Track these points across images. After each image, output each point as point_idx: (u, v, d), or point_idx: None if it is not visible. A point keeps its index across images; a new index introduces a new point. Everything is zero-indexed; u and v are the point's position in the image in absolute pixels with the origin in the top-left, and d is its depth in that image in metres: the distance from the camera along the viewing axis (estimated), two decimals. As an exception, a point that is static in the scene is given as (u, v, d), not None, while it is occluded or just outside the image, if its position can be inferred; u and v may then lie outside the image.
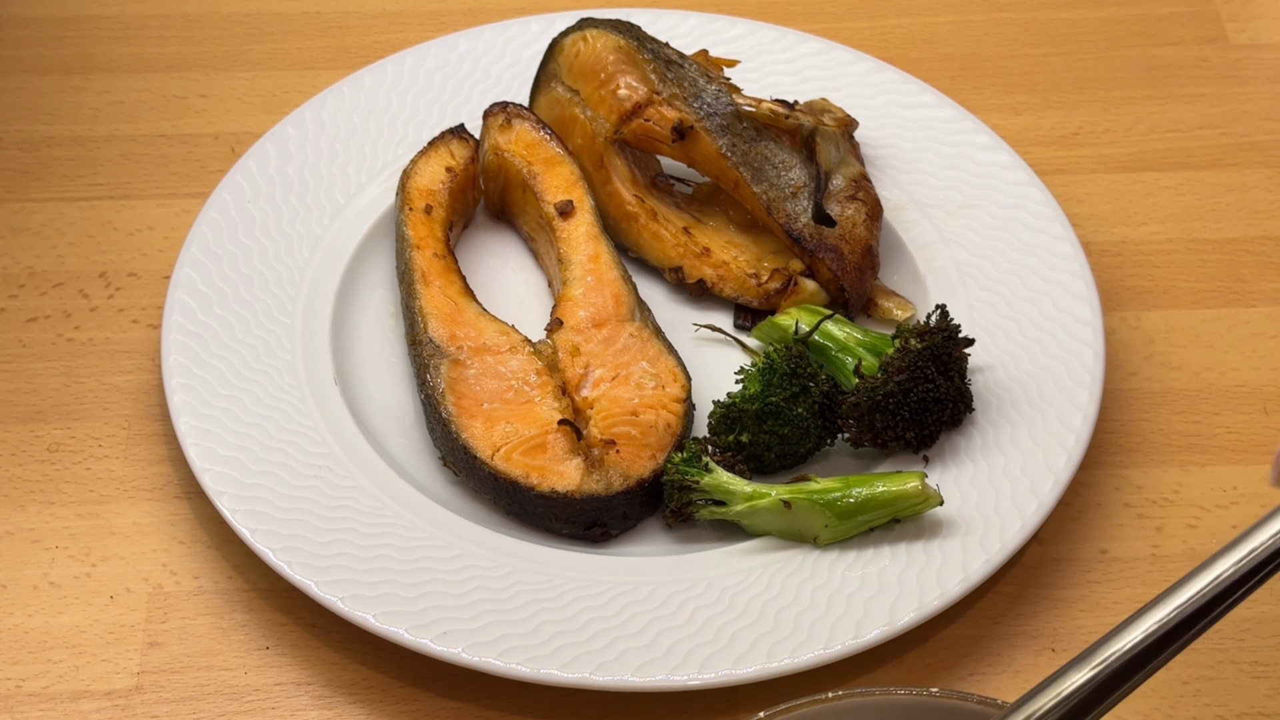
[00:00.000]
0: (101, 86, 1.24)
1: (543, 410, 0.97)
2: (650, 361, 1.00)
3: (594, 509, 0.94)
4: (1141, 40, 1.29)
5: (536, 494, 0.94)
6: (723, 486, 0.94)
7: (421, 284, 1.04)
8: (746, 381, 0.97)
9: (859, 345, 1.00)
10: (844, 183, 1.08)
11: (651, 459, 0.96)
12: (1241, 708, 0.91)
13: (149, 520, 0.99)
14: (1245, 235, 1.15)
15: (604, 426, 0.96)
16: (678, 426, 0.97)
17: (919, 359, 0.96)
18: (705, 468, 0.94)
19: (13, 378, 1.06)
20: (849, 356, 1.00)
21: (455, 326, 1.02)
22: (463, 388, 0.98)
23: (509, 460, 0.95)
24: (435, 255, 1.05)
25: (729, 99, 1.08)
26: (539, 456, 0.95)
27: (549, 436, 0.96)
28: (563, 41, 1.13)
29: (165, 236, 1.14)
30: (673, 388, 0.99)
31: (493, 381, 0.99)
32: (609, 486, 0.94)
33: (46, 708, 0.91)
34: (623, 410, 0.97)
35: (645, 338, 1.01)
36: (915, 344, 0.96)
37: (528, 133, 1.11)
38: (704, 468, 0.94)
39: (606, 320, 1.02)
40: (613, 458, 0.95)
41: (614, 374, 0.99)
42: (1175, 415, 1.05)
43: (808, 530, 0.94)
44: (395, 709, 0.91)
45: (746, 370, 0.98)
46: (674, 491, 0.95)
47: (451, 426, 0.97)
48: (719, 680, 0.88)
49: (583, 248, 1.06)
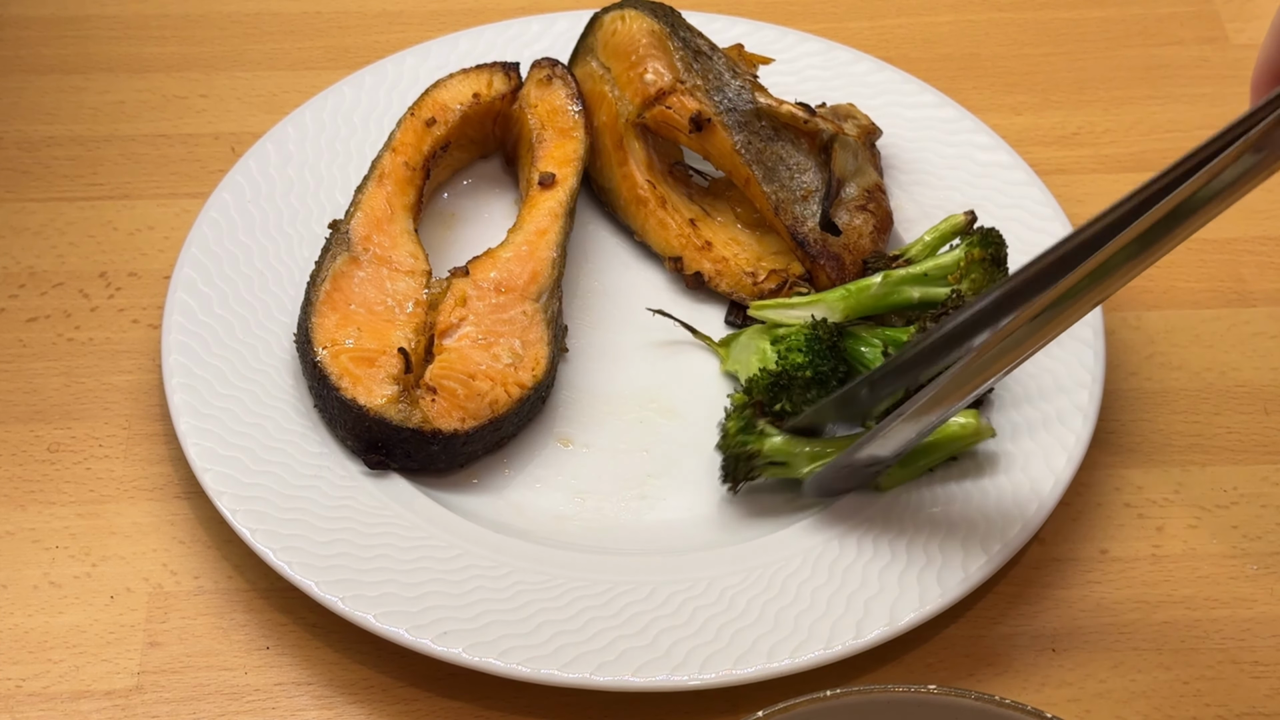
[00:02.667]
0: (101, 86, 1.24)
1: (394, 334, 1.00)
2: (523, 343, 1.01)
3: (380, 433, 0.96)
4: (1141, 40, 1.29)
5: (337, 395, 0.97)
6: (784, 449, 0.95)
7: (375, 181, 1.07)
8: (788, 352, 0.97)
9: (873, 336, 1.00)
10: (857, 192, 1.08)
11: (459, 420, 0.97)
12: (1241, 708, 0.91)
13: (149, 520, 0.99)
14: (1245, 235, 1.15)
15: (437, 374, 0.98)
16: (503, 408, 0.99)
17: None
18: (762, 433, 0.95)
19: (13, 378, 1.06)
20: (868, 346, 1.00)
21: (376, 230, 1.04)
22: (344, 282, 1.02)
23: (334, 358, 0.98)
24: (405, 164, 1.08)
25: (751, 96, 1.09)
26: (362, 367, 0.98)
27: (382, 356, 0.98)
28: (603, 18, 1.14)
29: (165, 236, 1.14)
30: (524, 373, 1.00)
31: (372, 291, 1.02)
32: (405, 420, 0.96)
33: (46, 708, 0.91)
34: (463, 369, 0.99)
35: (534, 321, 1.02)
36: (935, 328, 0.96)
37: (558, 98, 1.12)
38: (760, 433, 0.95)
39: (511, 290, 1.03)
40: (425, 402, 0.97)
41: (482, 336, 1.01)
42: (1175, 415, 1.05)
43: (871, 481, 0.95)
44: (395, 709, 0.91)
45: (785, 341, 0.98)
46: (735, 463, 0.96)
47: (309, 309, 1.01)
48: (719, 680, 0.88)
49: (538, 220, 1.07)
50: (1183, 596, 0.96)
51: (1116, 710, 0.91)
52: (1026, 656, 0.93)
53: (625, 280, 1.11)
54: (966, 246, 1.01)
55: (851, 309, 1.01)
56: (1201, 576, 0.97)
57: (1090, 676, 0.92)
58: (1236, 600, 0.95)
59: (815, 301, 1.01)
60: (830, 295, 1.01)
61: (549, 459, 1.01)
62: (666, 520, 0.98)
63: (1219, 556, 0.97)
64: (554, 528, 0.97)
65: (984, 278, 1.00)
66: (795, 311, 1.01)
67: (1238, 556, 0.97)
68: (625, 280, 1.11)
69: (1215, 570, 0.97)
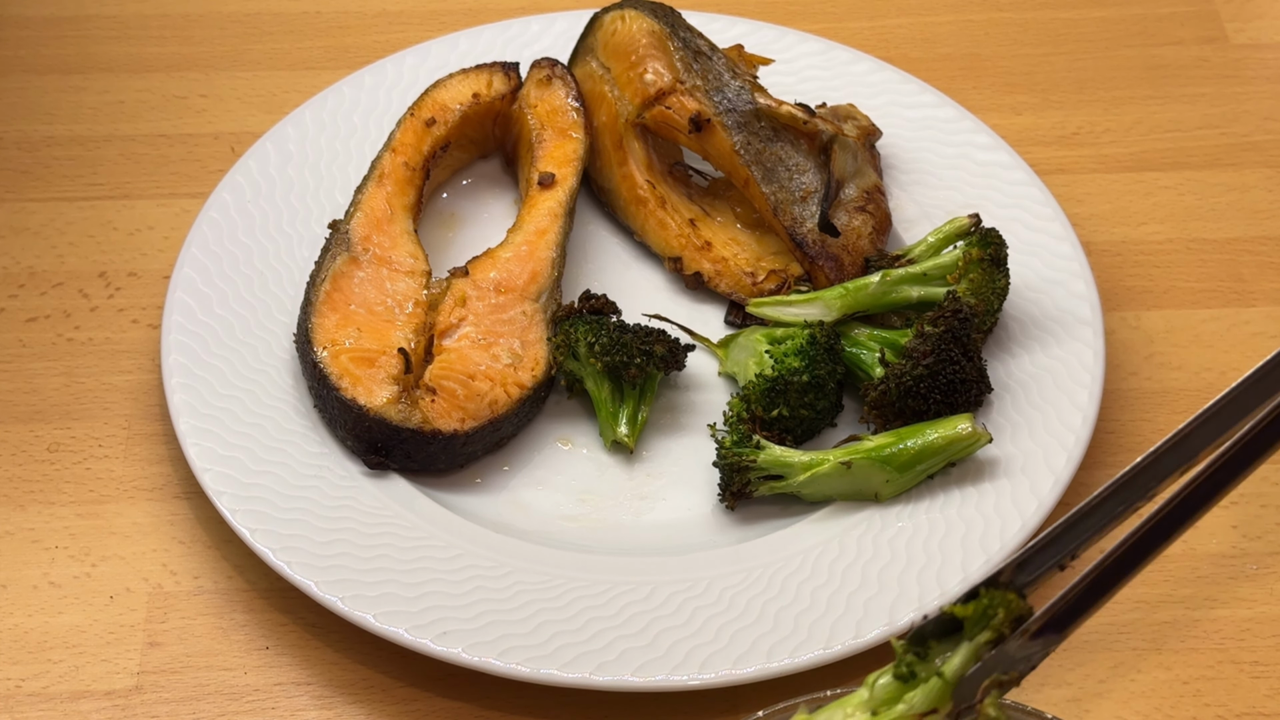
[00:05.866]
0: (101, 86, 1.24)
1: (394, 334, 1.00)
2: (523, 343, 1.01)
3: (381, 433, 0.96)
4: (1141, 40, 1.29)
5: (337, 395, 0.97)
6: (780, 460, 0.95)
7: (375, 181, 1.07)
8: (785, 356, 0.97)
9: (870, 339, 1.00)
10: (856, 193, 1.08)
11: (459, 421, 0.97)
12: (1241, 708, 0.91)
13: (149, 520, 0.99)
14: (1245, 235, 1.15)
15: (437, 375, 0.98)
16: (503, 408, 0.99)
17: (942, 342, 0.96)
18: (757, 445, 0.95)
19: (13, 378, 1.06)
20: (866, 350, 1.00)
21: (376, 230, 1.04)
22: (344, 283, 1.02)
23: (334, 358, 0.98)
24: (405, 164, 1.08)
25: (750, 96, 1.09)
26: (362, 367, 0.98)
27: (382, 357, 0.98)
28: (603, 18, 1.14)
29: (165, 236, 1.14)
30: (524, 373, 1.00)
31: (372, 291, 1.02)
32: (405, 420, 0.96)
33: (46, 708, 0.91)
34: (463, 369, 0.99)
35: (534, 321, 1.02)
36: (932, 329, 0.96)
37: (557, 98, 1.12)
38: (756, 446, 0.95)
39: (511, 290, 1.03)
40: (425, 402, 0.97)
41: (482, 337, 1.01)
42: (1175, 415, 1.05)
43: (868, 488, 0.95)
44: (395, 709, 0.91)
45: (782, 345, 0.98)
46: (731, 474, 0.95)
47: (309, 309, 1.00)
48: (719, 680, 0.88)
49: (538, 220, 1.07)
50: (1182, 596, 0.96)
51: (1116, 710, 0.91)
52: (1026, 656, 0.93)
53: (625, 280, 1.11)
54: (966, 247, 1.01)
55: (849, 307, 1.01)
56: (1201, 576, 0.97)
57: (1090, 676, 0.92)
58: (1236, 600, 0.95)
59: (813, 299, 1.01)
60: (828, 293, 1.01)
61: (549, 459, 1.01)
62: (666, 520, 0.98)
63: (1219, 556, 0.97)
64: (554, 528, 0.97)
65: (983, 278, 1.00)
66: (793, 309, 1.01)
67: (1238, 556, 0.97)
68: (625, 280, 1.11)
69: (1215, 570, 0.97)
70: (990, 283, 1.01)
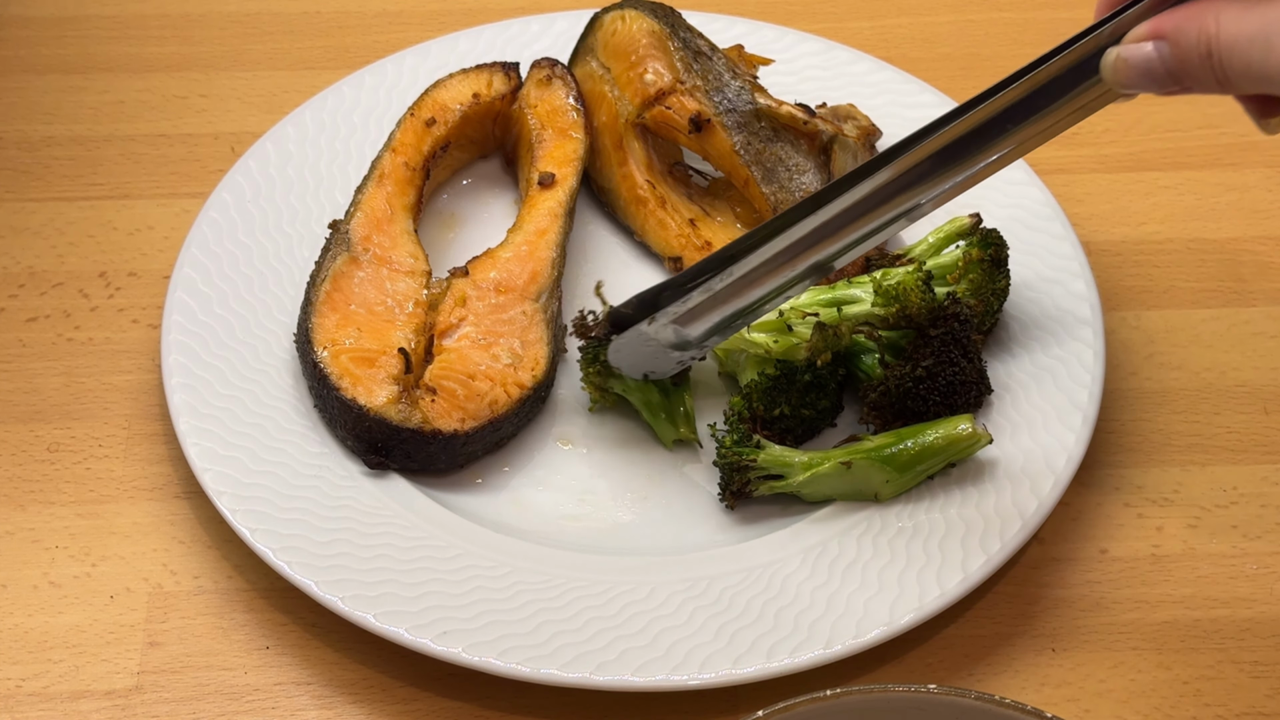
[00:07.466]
0: (101, 86, 1.24)
1: (394, 334, 1.00)
2: (523, 343, 1.01)
3: (381, 434, 0.96)
4: (1141, 40, 1.28)
5: (337, 395, 0.97)
6: (780, 460, 0.95)
7: (375, 181, 1.07)
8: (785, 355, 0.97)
9: (869, 338, 1.00)
10: None
11: (459, 421, 0.97)
12: (1241, 708, 0.91)
13: (149, 520, 0.99)
14: (1245, 235, 1.15)
15: (437, 375, 0.98)
16: (503, 408, 0.99)
17: (941, 343, 0.96)
18: (757, 445, 0.95)
19: (13, 378, 1.06)
20: (865, 349, 1.00)
21: (376, 231, 1.05)
22: (344, 283, 1.02)
23: (334, 358, 0.98)
24: (405, 164, 1.08)
25: (750, 97, 1.09)
26: (362, 367, 0.98)
27: (383, 356, 0.98)
28: (603, 18, 1.14)
29: (165, 236, 1.14)
30: (524, 373, 1.00)
31: (372, 291, 1.02)
32: (405, 420, 0.96)
33: (46, 708, 0.91)
34: (463, 369, 0.99)
35: (534, 321, 1.02)
36: (932, 331, 0.96)
37: (558, 98, 1.12)
38: (756, 445, 0.95)
39: (511, 290, 1.03)
40: (425, 402, 0.97)
41: (482, 337, 1.01)
42: (1175, 415, 1.05)
43: (868, 488, 0.95)
44: (395, 709, 0.91)
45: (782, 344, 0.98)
46: (731, 473, 0.95)
47: (309, 309, 1.00)
48: (719, 680, 0.88)
49: (538, 220, 1.07)
50: (1182, 596, 0.96)
51: (1116, 710, 0.91)
52: (1026, 656, 0.93)
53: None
54: (966, 247, 1.01)
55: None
56: (1201, 576, 0.97)
57: (1090, 676, 0.92)
58: (1236, 600, 0.95)
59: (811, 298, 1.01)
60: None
61: (549, 459, 1.01)
62: (666, 520, 0.98)
63: (1218, 556, 0.97)
64: (554, 528, 0.97)
65: (983, 278, 1.00)
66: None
67: (1237, 556, 0.97)
68: (625, 280, 1.11)
69: (1215, 570, 0.97)
70: (990, 283, 1.01)
